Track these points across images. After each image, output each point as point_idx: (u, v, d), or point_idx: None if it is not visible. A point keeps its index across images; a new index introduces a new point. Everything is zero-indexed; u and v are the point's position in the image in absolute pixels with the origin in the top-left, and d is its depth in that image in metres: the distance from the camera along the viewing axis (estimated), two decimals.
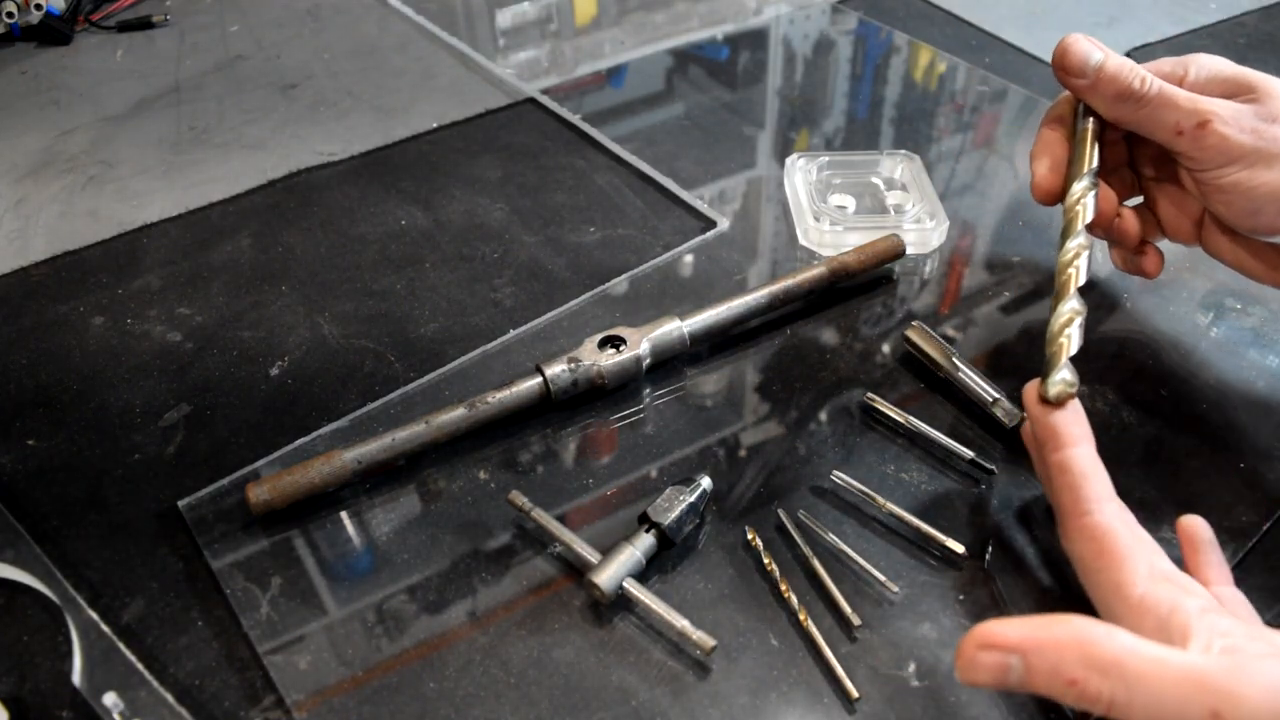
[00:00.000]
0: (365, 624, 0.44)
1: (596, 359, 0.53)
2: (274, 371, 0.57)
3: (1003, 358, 0.57)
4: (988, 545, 0.46)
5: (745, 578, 0.45)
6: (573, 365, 0.52)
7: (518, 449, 0.52)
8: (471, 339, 0.59)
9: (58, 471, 0.51)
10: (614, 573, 0.43)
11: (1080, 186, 0.50)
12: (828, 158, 0.71)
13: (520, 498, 0.47)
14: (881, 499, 0.47)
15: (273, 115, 0.82)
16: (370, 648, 0.43)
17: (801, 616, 0.43)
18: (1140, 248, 0.56)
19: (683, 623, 0.42)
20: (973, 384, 0.52)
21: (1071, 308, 0.46)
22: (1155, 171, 0.55)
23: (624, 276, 0.63)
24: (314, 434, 0.53)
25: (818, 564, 0.45)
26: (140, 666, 0.42)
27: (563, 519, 0.47)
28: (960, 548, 0.45)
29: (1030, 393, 0.44)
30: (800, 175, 0.69)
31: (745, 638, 0.43)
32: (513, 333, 0.59)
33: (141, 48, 0.94)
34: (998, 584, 0.45)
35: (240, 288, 0.63)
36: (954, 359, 0.53)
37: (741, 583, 0.45)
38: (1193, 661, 0.31)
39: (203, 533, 0.48)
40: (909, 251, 0.63)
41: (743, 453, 0.52)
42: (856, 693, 0.40)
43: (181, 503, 0.49)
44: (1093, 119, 0.52)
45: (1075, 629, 0.32)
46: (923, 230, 0.64)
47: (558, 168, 0.74)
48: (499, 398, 0.51)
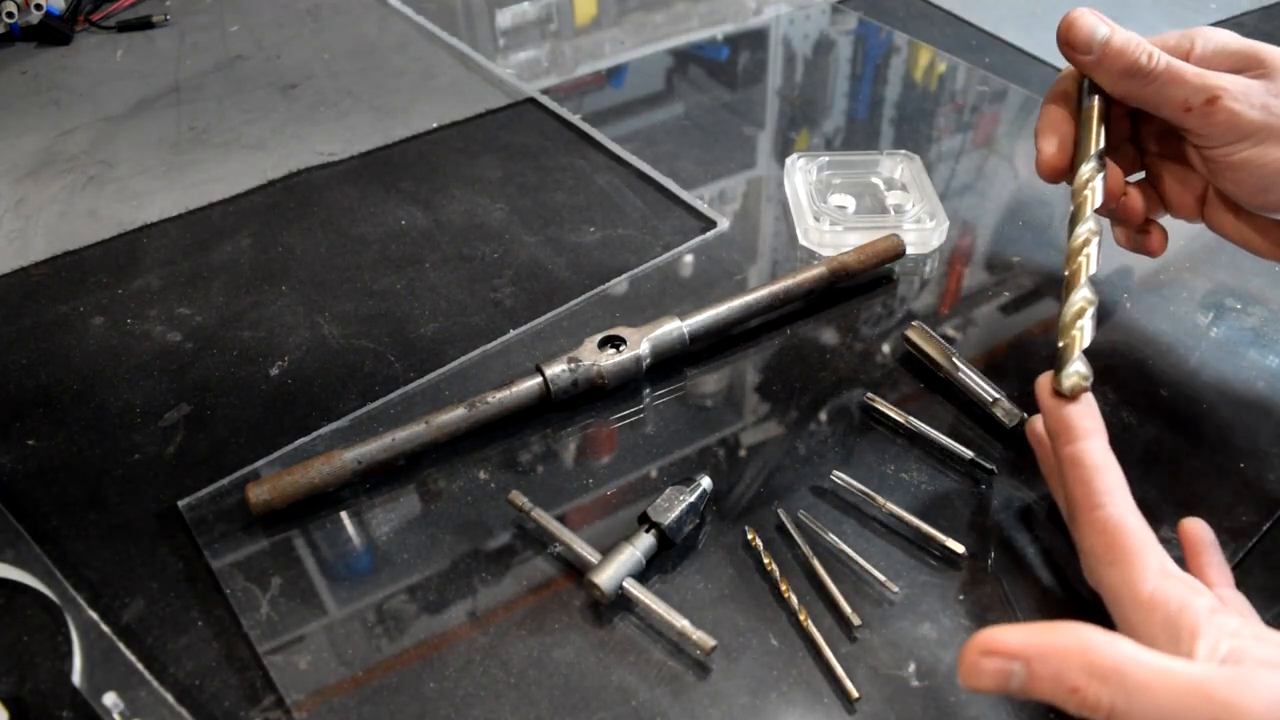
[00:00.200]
0: (365, 624, 0.44)
1: (596, 359, 0.53)
2: (274, 371, 0.57)
3: (1003, 358, 0.57)
4: (988, 545, 0.46)
5: (745, 578, 0.45)
6: (573, 365, 0.52)
7: (518, 449, 0.52)
8: (471, 339, 0.59)
9: (58, 471, 0.51)
10: (614, 573, 0.43)
11: (1088, 169, 0.48)
12: (828, 158, 0.71)
13: (520, 498, 0.47)
14: (881, 499, 0.47)
15: (273, 115, 0.82)
16: (370, 648, 0.43)
17: (801, 616, 0.43)
18: (1144, 225, 0.55)
19: (683, 623, 0.42)
20: (973, 384, 0.52)
21: (1084, 296, 0.45)
22: (1159, 147, 0.54)
23: (624, 276, 0.63)
24: (314, 434, 0.53)
25: (818, 564, 0.45)
26: (140, 666, 0.42)
27: (563, 519, 0.47)
28: (960, 548, 0.45)
29: (1043, 385, 0.44)
30: (800, 175, 0.69)
31: (745, 638, 0.43)
32: (513, 333, 0.59)
33: (141, 48, 0.94)
34: (998, 584, 0.45)
35: (240, 288, 0.63)
36: (954, 359, 0.53)
37: (741, 583, 0.45)
38: (1195, 672, 0.31)
39: (203, 533, 0.48)
40: (909, 251, 0.63)
41: (743, 453, 0.52)
42: (856, 693, 0.40)
43: (181, 503, 0.49)
44: (1098, 97, 0.50)
45: (1078, 636, 0.32)
46: (923, 230, 0.64)
47: (558, 168, 0.74)
48: (499, 398, 0.51)
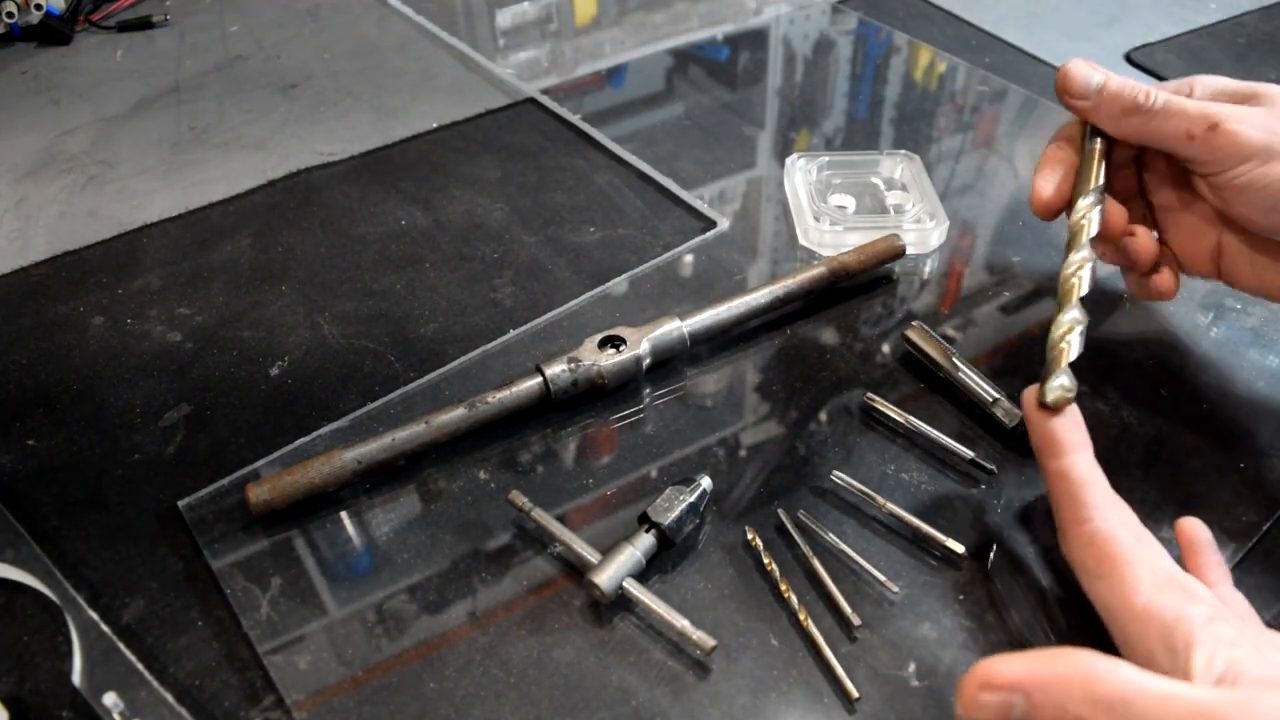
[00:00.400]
0: (365, 624, 0.44)
1: (596, 359, 0.53)
2: (274, 371, 0.57)
3: (1003, 358, 0.57)
4: (988, 545, 0.46)
5: (745, 578, 0.45)
6: (573, 365, 0.52)
7: (518, 449, 0.52)
8: (471, 339, 0.59)
9: (58, 471, 0.51)
10: (614, 573, 0.43)
11: (1085, 202, 0.49)
12: (828, 158, 0.71)
13: (520, 498, 0.47)
14: (881, 499, 0.47)
15: (273, 115, 0.82)
16: (370, 648, 0.43)
17: (801, 616, 0.43)
18: (1154, 267, 0.54)
19: (683, 623, 0.42)
20: (973, 384, 0.52)
21: (1073, 317, 0.45)
22: (1167, 199, 0.54)
23: (624, 276, 0.63)
24: (314, 434, 0.53)
25: (818, 564, 0.45)
26: (140, 666, 0.42)
27: (563, 519, 0.47)
28: (960, 548, 0.45)
29: (1029, 398, 0.44)
30: (800, 175, 0.69)
31: (745, 638, 0.43)
32: (513, 333, 0.59)
33: (141, 48, 0.94)
34: (998, 584, 0.45)
35: (240, 288, 0.63)
36: (954, 359, 0.53)
37: (741, 583, 0.45)
38: (1199, 697, 0.31)
39: (203, 533, 0.48)
40: (909, 251, 0.63)
41: (743, 453, 0.52)
42: (856, 693, 0.40)
43: (181, 503, 0.49)
44: (1100, 139, 0.51)
45: (1078, 664, 0.32)
46: (923, 230, 0.64)
47: (558, 168, 0.74)
48: (499, 398, 0.51)
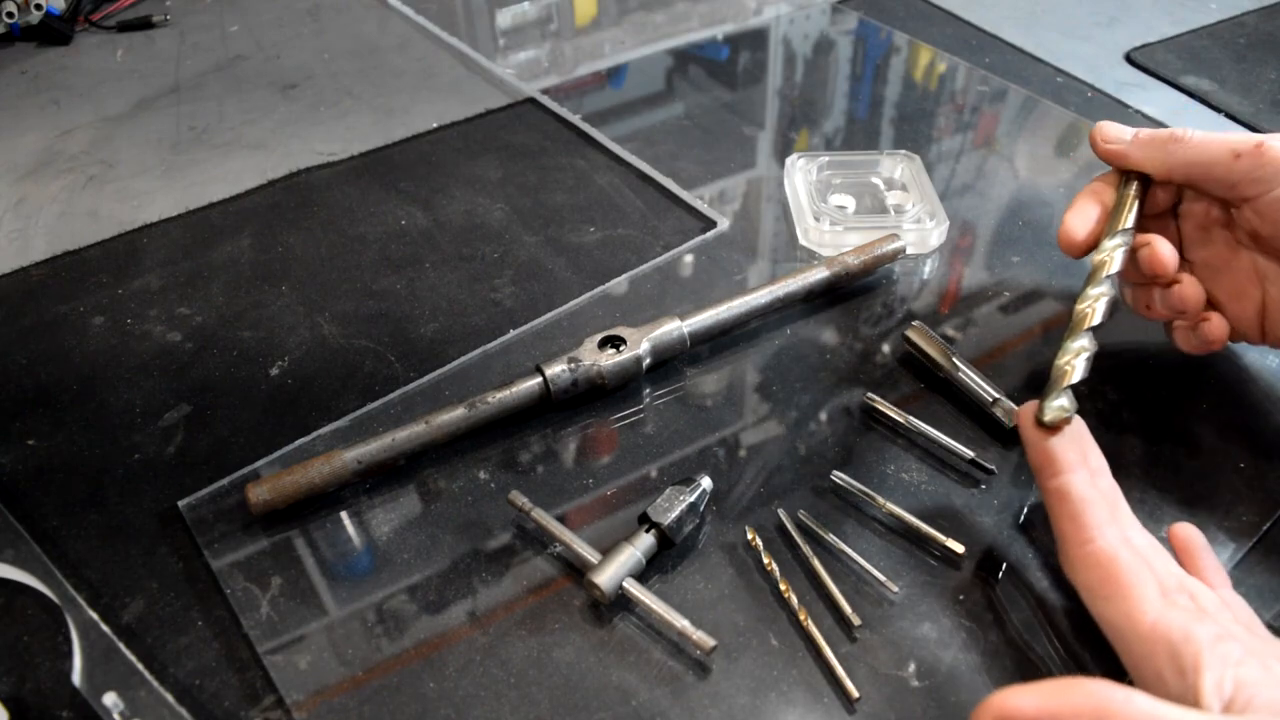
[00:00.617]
0: (365, 624, 0.44)
1: (596, 359, 0.53)
2: (274, 371, 0.57)
3: (1003, 358, 0.57)
4: (988, 545, 0.46)
5: (745, 578, 0.45)
6: (573, 365, 0.52)
7: (518, 449, 0.52)
8: (471, 339, 0.59)
9: (58, 471, 0.51)
10: (614, 573, 0.43)
11: (1111, 242, 0.49)
12: (828, 158, 0.71)
13: (520, 498, 0.47)
14: (881, 499, 0.47)
15: (273, 115, 0.82)
16: (370, 648, 0.43)
17: (801, 616, 0.43)
18: (1203, 314, 0.52)
19: (683, 623, 0.42)
20: (973, 384, 0.52)
21: (1081, 344, 0.45)
22: (1208, 255, 0.52)
23: (624, 276, 0.63)
24: (314, 434, 0.53)
25: (818, 564, 0.45)
26: (140, 666, 0.42)
27: (563, 519, 0.47)
28: (960, 548, 0.45)
29: (1026, 415, 0.44)
30: (800, 175, 0.69)
31: (745, 638, 0.43)
32: (513, 333, 0.59)
33: (141, 48, 0.94)
34: (998, 584, 0.45)
35: (240, 288, 0.63)
36: (954, 359, 0.53)
37: (741, 583, 0.45)
38: None
39: (203, 533, 0.48)
40: (909, 251, 0.63)
41: (743, 453, 0.52)
42: (856, 693, 0.40)
43: (181, 503, 0.49)
44: (1135, 182, 0.51)
45: (1092, 696, 0.31)
46: (923, 230, 0.64)
47: (558, 168, 0.74)
48: (499, 398, 0.51)
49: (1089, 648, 0.42)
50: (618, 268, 0.64)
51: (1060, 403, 0.43)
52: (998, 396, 0.52)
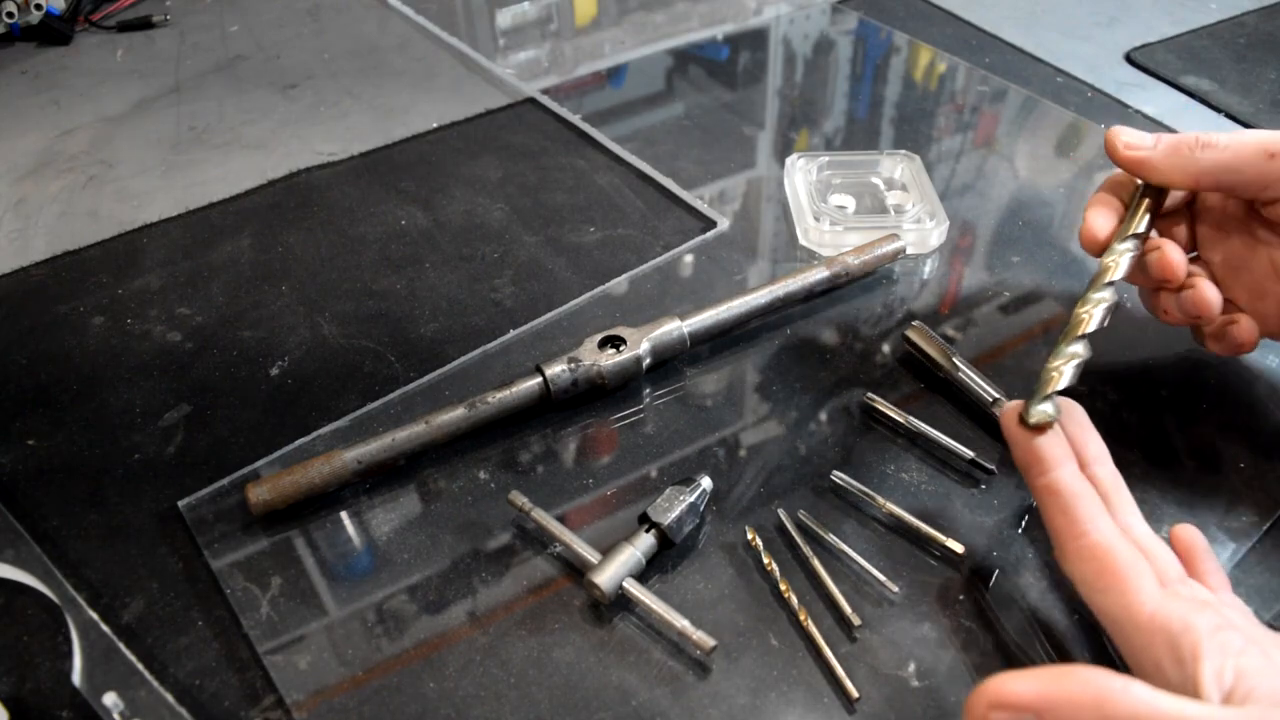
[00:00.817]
0: (365, 624, 0.44)
1: (596, 359, 0.53)
2: (274, 371, 0.57)
3: (1003, 358, 0.57)
4: (988, 545, 0.46)
5: (745, 578, 0.45)
6: (573, 365, 0.52)
7: (518, 449, 0.52)
8: (471, 339, 0.59)
9: (58, 471, 0.51)
10: (614, 573, 0.43)
11: (1121, 246, 0.48)
12: (828, 158, 0.71)
13: (520, 498, 0.47)
14: (881, 499, 0.47)
15: (273, 115, 0.82)
16: (370, 648, 0.43)
17: (801, 616, 0.43)
18: (1230, 316, 0.51)
19: (683, 623, 0.42)
20: (973, 384, 0.52)
21: (1074, 350, 0.45)
22: (1227, 252, 0.51)
23: (624, 276, 0.63)
24: (314, 434, 0.53)
25: (818, 564, 0.45)
26: (140, 666, 0.42)
27: (563, 519, 0.47)
28: (960, 548, 0.45)
29: (1010, 415, 0.44)
30: (800, 175, 0.69)
31: (745, 638, 0.43)
32: (513, 333, 0.59)
33: (141, 48, 0.94)
34: (998, 584, 0.45)
35: (240, 288, 0.63)
36: (954, 359, 0.53)
37: (741, 583, 0.45)
38: (1215, 718, 0.30)
39: (203, 533, 0.48)
40: (909, 251, 0.63)
41: (743, 453, 0.52)
42: (856, 693, 0.40)
43: (181, 503, 0.49)
44: (1151, 189, 0.50)
45: (1090, 685, 0.31)
46: (923, 230, 0.64)
47: (558, 168, 0.74)
48: (499, 398, 0.51)
49: (1089, 648, 0.42)
50: (618, 268, 0.64)
51: (1044, 407, 0.43)
52: (998, 396, 0.52)
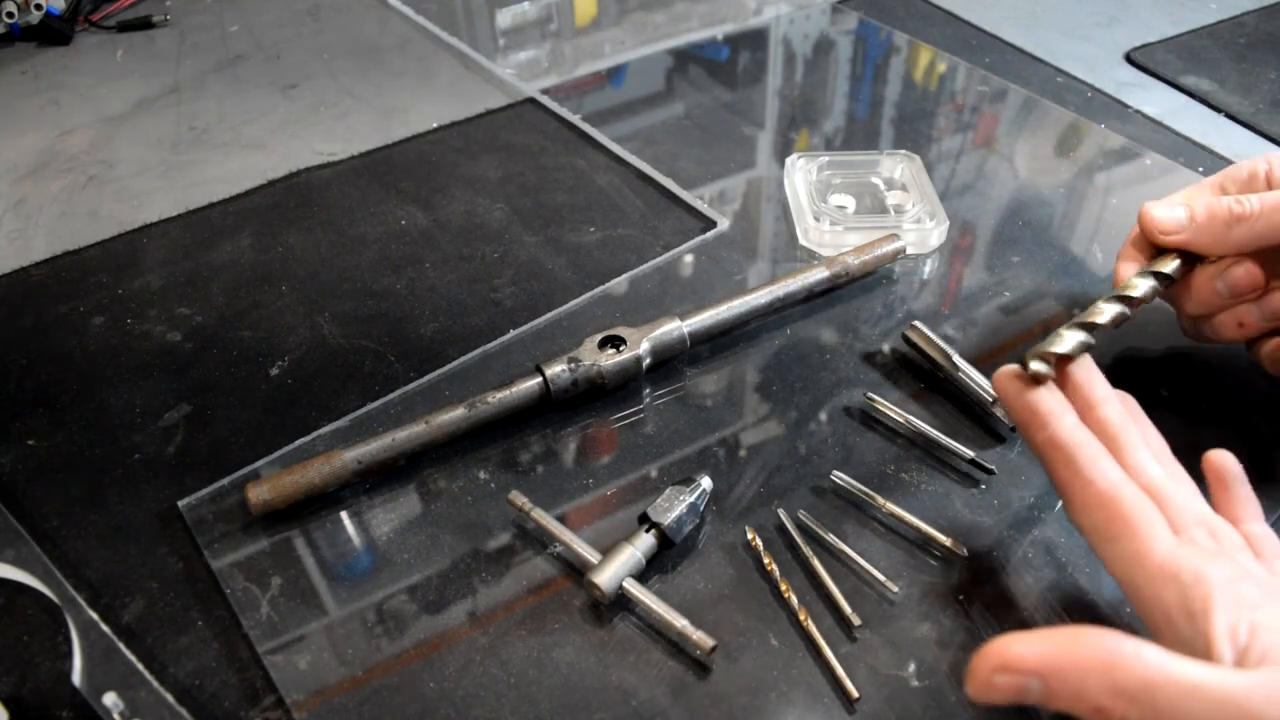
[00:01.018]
0: (365, 624, 0.44)
1: (596, 359, 0.53)
2: (274, 371, 0.57)
3: (1003, 358, 0.57)
4: (988, 545, 0.46)
5: (745, 578, 0.45)
6: (573, 365, 0.52)
7: (518, 449, 0.52)
8: (471, 339, 0.59)
9: (58, 471, 0.51)
10: (614, 573, 0.43)
11: (1141, 280, 0.48)
12: (828, 158, 0.71)
13: (520, 498, 0.47)
14: (881, 499, 0.47)
15: (273, 115, 0.82)
16: (370, 648, 0.43)
17: (801, 616, 0.43)
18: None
19: (683, 623, 0.42)
20: (973, 384, 0.52)
21: (1080, 330, 0.45)
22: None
23: (624, 276, 0.63)
24: (314, 434, 0.53)
25: (818, 564, 0.45)
26: (140, 666, 0.42)
27: (563, 519, 0.47)
28: (960, 548, 0.45)
29: (1003, 374, 0.43)
30: (800, 175, 0.69)
31: (745, 638, 0.43)
32: (513, 333, 0.59)
33: (141, 48, 0.94)
34: (998, 584, 0.45)
35: (240, 288, 0.63)
36: (954, 359, 0.53)
37: (741, 583, 0.45)
38: (1229, 687, 0.29)
39: (203, 533, 0.48)
40: (909, 251, 0.63)
41: (743, 453, 0.52)
42: (856, 693, 0.40)
43: (181, 503, 0.49)
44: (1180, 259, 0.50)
45: (1100, 648, 0.29)
46: (923, 230, 0.64)
47: (558, 168, 0.74)
48: (499, 398, 0.51)
49: None
50: (618, 268, 0.64)
51: (1038, 366, 0.42)
52: (998, 396, 0.51)
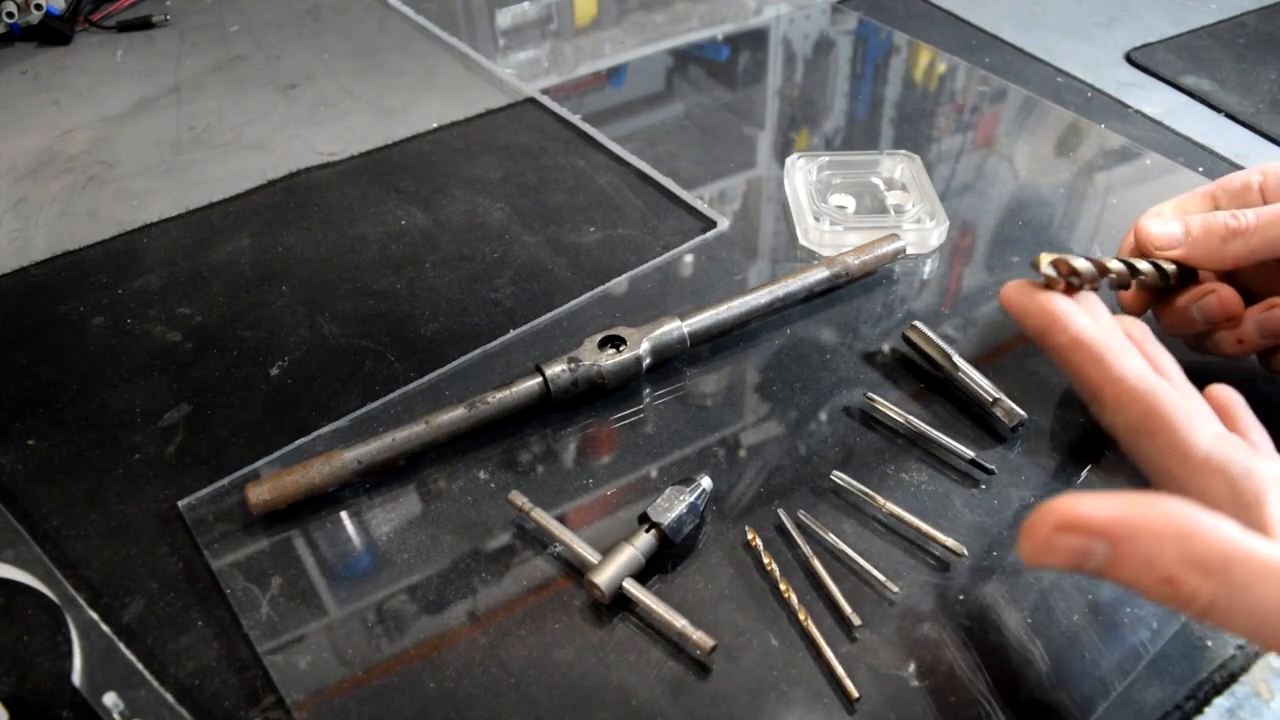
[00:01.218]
0: (365, 624, 0.44)
1: (596, 359, 0.53)
2: (274, 371, 0.57)
3: (1003, 358, 0.57)
4: (988, 545, 0.46)
5: (745, 578, 0.45)
6: (573, 365, 0.52)
7: (518, 449, 0.52)
8: (471, 339, 0.59)
9: (58, 471, 0.51)
10: (614, 573, 0.43)
11: (1143, 260, 0.49)
12: (828, 158, 0.71)
13: (520, 498, 0.47)
14: (881, 499, 0.47)
15: (273, 115, 0.82)
16: (370, 648, 0.43)
17: (801, 616, 0.43)
18: None
19: (683, 623, 0.42)
20: (973, 384, 0.52)
21: (1090, 267, 0.44)
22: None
23: (624, 276, 0.63)
24: (314, 434, 0.53)
25: (818, 564, 0.45)
26: (140, 666, 0.42)
27: (563, 519, 0.47)
28: (960, 548, 0.45)
29: (1012, 286, 0.42)
30: (800, 175, 0.69)
31: (745, 638, 0.43)
32: (513, 333, 0.59)
33: (141, 48, 0.94)
34: (998, 584, 0.45)
35: (240, 288, 0.63)
36: (954, 359, 0.53)
37: (741, 583, 0.45)
38: None
39: (203, 533, 0.48)
40: (909, 251, 0.63)
41: (743, 453, 0.52)
42: (856, 693, 0.40)
43: (181, 503, 0.49)
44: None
45: (1178, 516, 0.28)
46: (923, 230, 0.64)
47: (558, 168, 0.74)
48: (499, 398, 0.51)
49: (1091, 647, 0.42)
50: (618, 268, 0.64)
51: (1050, 270, 0.42)
52: (998, 396, 0.52)
